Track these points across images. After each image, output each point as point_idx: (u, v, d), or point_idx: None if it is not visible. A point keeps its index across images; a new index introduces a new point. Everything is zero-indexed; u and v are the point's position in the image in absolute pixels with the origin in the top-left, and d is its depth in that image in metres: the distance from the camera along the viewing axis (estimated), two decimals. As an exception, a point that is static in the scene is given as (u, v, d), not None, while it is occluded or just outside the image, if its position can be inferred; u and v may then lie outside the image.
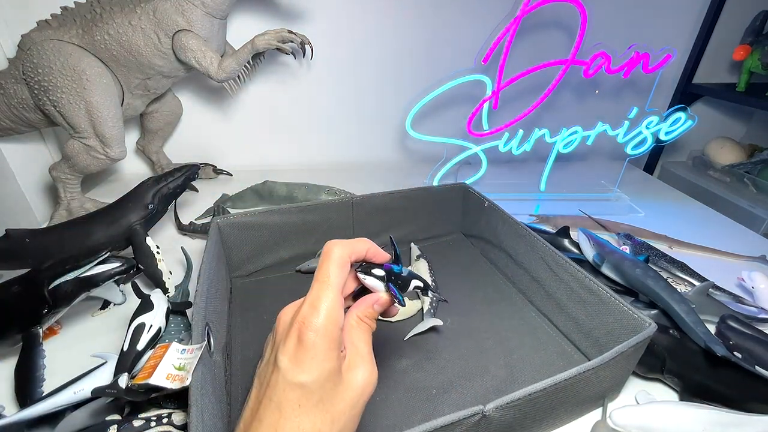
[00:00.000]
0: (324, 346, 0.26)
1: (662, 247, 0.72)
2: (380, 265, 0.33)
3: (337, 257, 0.29)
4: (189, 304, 0.51)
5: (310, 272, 0.56)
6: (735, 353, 0.47)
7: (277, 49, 0.76)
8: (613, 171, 1.01)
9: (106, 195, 0.83)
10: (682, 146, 1.22)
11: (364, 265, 0.32)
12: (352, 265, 0.31)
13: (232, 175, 0.98)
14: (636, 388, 0.46)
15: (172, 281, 0.57)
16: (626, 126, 0.86)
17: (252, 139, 1.02)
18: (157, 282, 0.56)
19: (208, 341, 0.38)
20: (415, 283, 0.36)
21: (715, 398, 0.42)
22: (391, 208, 0.67)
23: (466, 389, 0.44)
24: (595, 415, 0.43)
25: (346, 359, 0.28)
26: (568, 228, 0.68)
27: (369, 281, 0.32)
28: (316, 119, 1.02)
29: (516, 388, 0.33)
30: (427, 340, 0.51)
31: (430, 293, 0.40)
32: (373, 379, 0.28)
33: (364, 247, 0.32)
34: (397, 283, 0.33)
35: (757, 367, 0.44)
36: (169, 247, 0.67)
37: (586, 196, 0.94)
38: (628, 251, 0.68)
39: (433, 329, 0.52)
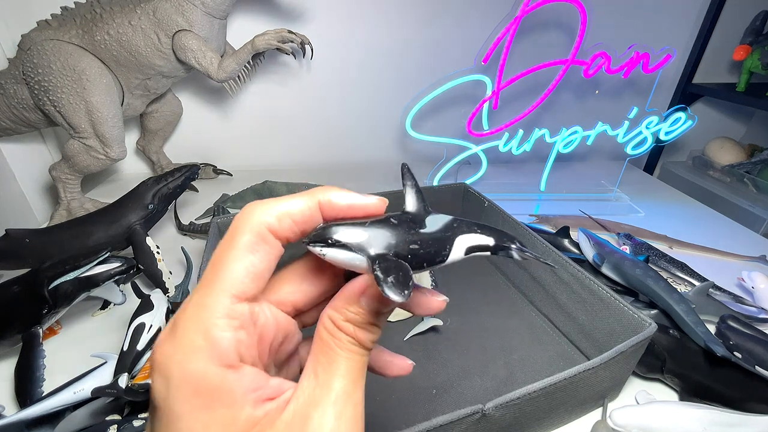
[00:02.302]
0: (180, 407, 0.15)
1: (662, 247, 0.72)
2: (360, 222, 0.18)
3: (248, 227, 0.17)
4: (189, 304, 0.51)
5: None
6: (735, 353, 0.47)
7: (277, 49, 0.76)
8: (613, 171, 1.01)
9: (106, 195, 0.83)
10: (682, 146, 1.22)
11: (324, 227, 0.18)
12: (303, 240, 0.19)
13: (232, 175, 0.98)
14: (636, 388, 0.46)
15: (172, 281, 0.57)
16: (626, 126, 0.86)
17: (252, 139, 1.02)
18: (157, 282, 0.56)
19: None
20: (469, 239, 0.20)
21: (715, 398, 0.42)
22: (390, 208, 0.67)
23: (466, 389, 0.44)
24: (595, 415, 0.43)
25: (298, 400, 0.17)
26: (568, 228, 0.68)
27: (333, 255, 0.18)
28: (316, 119, 1.02)
29: (516, 387, 0.33)
30: (427, 340, 0.51)
31: (515, 252, 0.21)
32: None
33: (305, 203, 0.18)
34: (414, 248, 0.18)
35: (757, 367, 0.44)
36: (169, 247, 0.67)
37: (586, 196, 0.94)
38: (628, 251, 0.68)
39: (433, 329, 0.52)
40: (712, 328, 0.49)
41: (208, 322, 0.16)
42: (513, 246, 0.21)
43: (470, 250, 0.20)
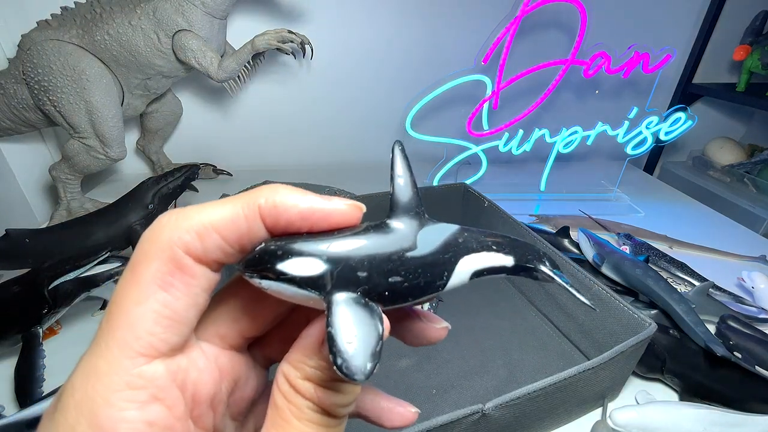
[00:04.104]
0: None
1: (662, 247, 0.72)
2: (320, 238, 0.13)
3: (156, 252, 0.12)
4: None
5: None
6: (735, 353, 0.47)
7: (277, 49, 0.76)
8: (613, 171, 1.01)
9: (106, 195, 0.83)
10: (682, 146, 1.22)
11: (264, 248, 0.13)
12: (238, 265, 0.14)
13: (232, 175, 0.98)
14: (636, 388, 0.46)
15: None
16: (626, 126, 0.86)
17: (252, 139, 1.02)
18: (157, 282, 0.56)
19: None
20: (478, 260, 0.15)
21: (715, 398, 0.42)
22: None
23: (465, 389, 0.44)
24: (595, 415, 0.43)
25: None
26: (568, 228, 0.68)
27: (277, 289, 0.13)
28: (316, 119, 1.02)
29: (516, 387, 0.33)
30: (427, 340, 0.51)
31: (542, 274, 0.17)
32: None
33: (237, 210, 0.13)
34: (396, 281, 0.14)
35: (757, 367, 0.44)
36: (169, 247, 0.67)
37: (586, 196, 0.94)
38: (628, 251, 0.68)
39: (433, 329, 0.52)
40: (712, 328, 0.49)
41: (99, 399, 0.11)
42: (540, 267, 0.16)
43: (479, 273, 0.15)
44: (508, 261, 0.16)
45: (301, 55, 0.91)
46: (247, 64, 0.78)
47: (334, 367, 0.11)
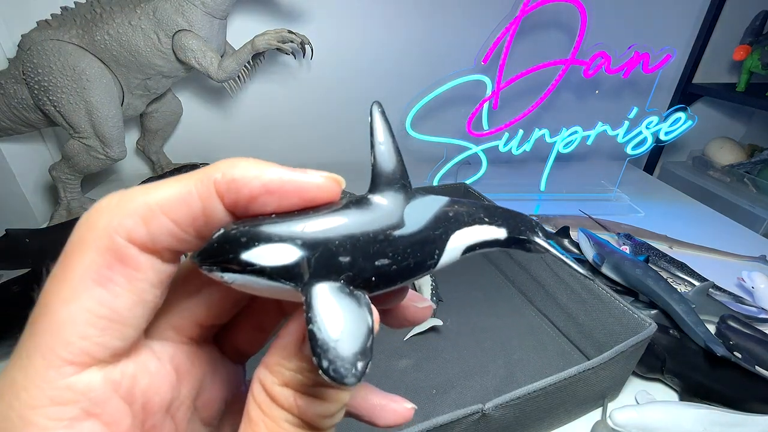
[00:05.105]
0: None
1: (662, 247, 0.72)
2: (292, 218, 0.12)
3: (92, 240, 0.11)
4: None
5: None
6: (735, 353, 0.47)
7: (277, 49, 0.76)
8: (613, 171, 1.01)
9: (106, 195, 0.83)
10: (682, 146, 1.22)
11: (224, 233, 0.11)
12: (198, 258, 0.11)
13: (232, 175, 0.98)
14: (636, 388, 0.46)
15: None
16: (626, 126, 0.86)
17: (252, 139, 1.02)
18: (157, 282, 0.56)
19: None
20: (470, 234, 0.14)
21: (715, 398, 0.42)
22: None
23: (465, 389, 0.44)
24: (595, 415, 0.43)
25: None
26: (568, 228, 0.68)
27: (243, 282, 0.11)
28: (316, 119, 1.02)
29: (516, 387, 0.33)
30: (427, 340, 0.51)
31: (536, 246, 0.16)
32: None
33: (188, 187, 0.11)
34: (383, 263, 0.12)
35: (757, 367, 0.44)
36: (169, 247, 0.67)
37: (586, 196, 0.94)
38: (628, 251, 0.68)
39: (433, 329, 0.52)
40: (712, 328, 0.49)
41: (16, 418, 0.09)
42: (534, 238, 0.15)
43: (471, 248, 0.14)
44: (500, 233, 0.15)
45: (301, 55, 0.91)
46: (247, 64, 0.78)
47: (320, 372, 0.10)
